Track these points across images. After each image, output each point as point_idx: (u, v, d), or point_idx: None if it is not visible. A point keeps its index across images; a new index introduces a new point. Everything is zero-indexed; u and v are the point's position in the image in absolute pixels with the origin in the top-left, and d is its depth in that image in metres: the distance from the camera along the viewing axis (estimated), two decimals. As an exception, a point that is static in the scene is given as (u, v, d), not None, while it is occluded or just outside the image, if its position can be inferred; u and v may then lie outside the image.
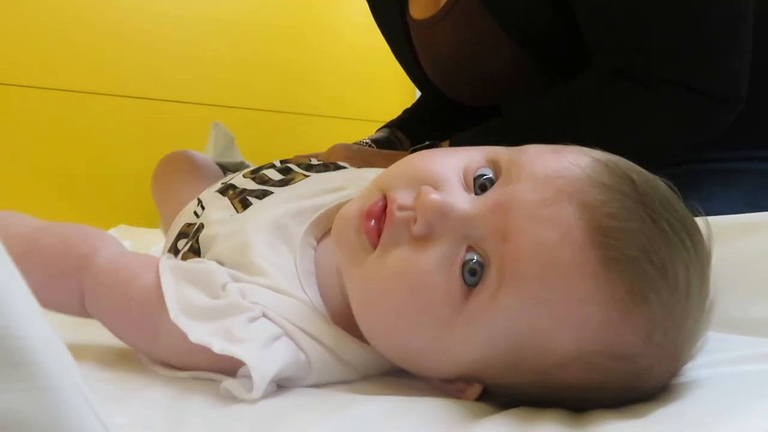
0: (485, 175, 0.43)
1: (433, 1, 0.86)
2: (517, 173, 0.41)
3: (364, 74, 1.92)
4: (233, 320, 0.43)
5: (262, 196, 0.57)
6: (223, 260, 0.50)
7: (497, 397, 0.43)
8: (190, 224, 0.59)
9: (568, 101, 0.72)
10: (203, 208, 0.60)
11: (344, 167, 0.66)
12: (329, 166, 0.65)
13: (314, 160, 0.73)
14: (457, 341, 0.41)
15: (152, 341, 0.47)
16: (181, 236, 0.59)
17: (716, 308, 0.41)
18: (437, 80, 0.92)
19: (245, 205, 0.56)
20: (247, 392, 0.40)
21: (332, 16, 1.90)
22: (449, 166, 0.44)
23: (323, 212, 0.53)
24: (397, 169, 0.47)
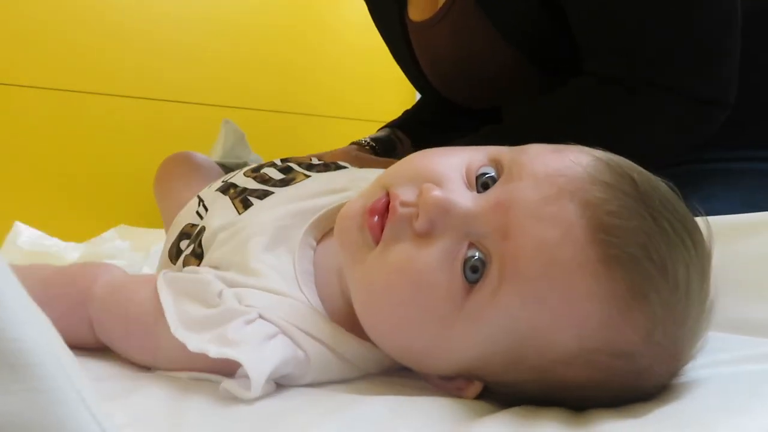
0: (487, 173, 0.43)
1: (431, 3, 0.86)
2: (518, 172, 0.41)
3: (364, 74, 1.92)
4: (229, 325, 0.43)
5: (263, 196, 0.57)
6: (222, 263, 0.51)
7: (497, 395, 0.43)
8: (193, 225, 0.60)
9: (557, 107, 0.72)
10: (205, 208, 0.60)
11: (345, 167, 0.66)
12: (330, 166, 0.65)
13: (315, 159, 0.73)
14: (457, 338, 0.41)
15: (153, 355, 0.48)
16: (183, 236, 0.60)
17: (716, 308, 0.41)
18: (436, 82, 0.92)
19: (246, 205, 0.57)
20: (245, 392, 0.40)
21: (332, 16, 1.90)
22: (452, 164, 0.44)
23: (323, 213, 0.53)
24: (400, 166, 0.47)
